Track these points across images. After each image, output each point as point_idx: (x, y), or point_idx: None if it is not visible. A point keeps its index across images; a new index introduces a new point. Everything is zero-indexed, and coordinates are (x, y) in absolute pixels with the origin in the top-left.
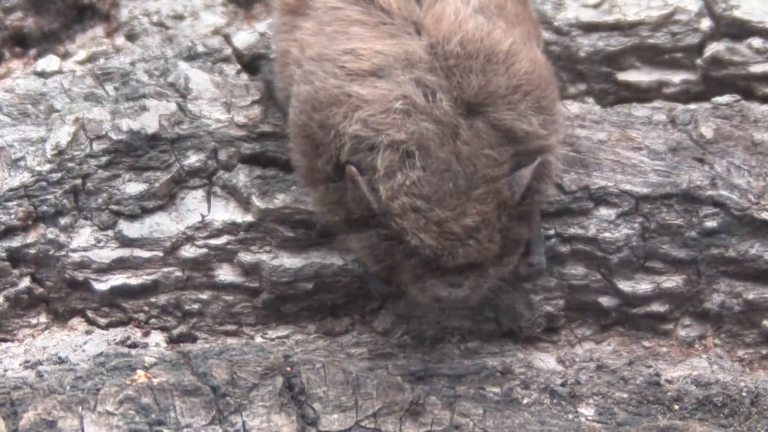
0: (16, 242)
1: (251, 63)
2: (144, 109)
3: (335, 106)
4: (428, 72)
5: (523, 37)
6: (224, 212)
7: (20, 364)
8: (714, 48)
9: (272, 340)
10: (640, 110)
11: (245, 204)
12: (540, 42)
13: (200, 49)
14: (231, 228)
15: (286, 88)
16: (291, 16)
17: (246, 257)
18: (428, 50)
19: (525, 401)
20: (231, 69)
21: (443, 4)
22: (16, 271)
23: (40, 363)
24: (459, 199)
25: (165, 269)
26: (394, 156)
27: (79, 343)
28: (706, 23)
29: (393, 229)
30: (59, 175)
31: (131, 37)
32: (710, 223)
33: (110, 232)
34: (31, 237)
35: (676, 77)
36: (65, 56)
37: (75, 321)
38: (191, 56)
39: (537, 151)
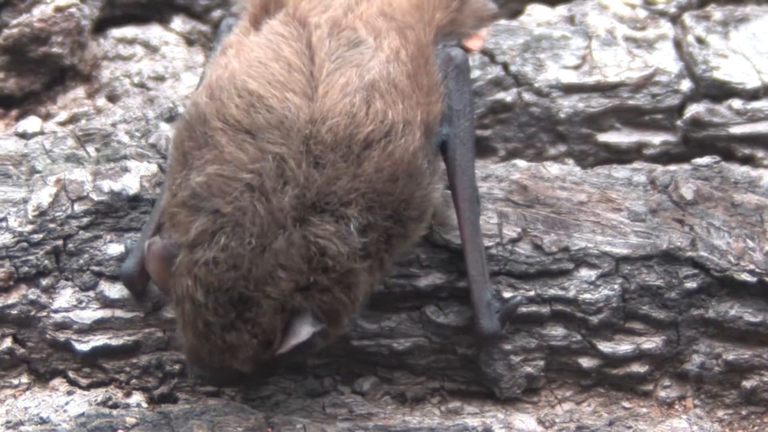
0: None
1: None
2: (125, 170)
3: (205, 148)
4: (295, 154)
5: (405, 116)
6: None
7: (2, 425)
8: (694, 109)
9: (253, 400)
10: (620, 171)
11: None
12: (431, 114)
13: (181, 110)
14: None
15: None
16: (249, 27)
17: None
18: (308, 123)
19: None
20: None
21: (342, 72)
22: None
23: (22, 423)
24: (232, 309)
25: (146, 330)
26: (209, 225)
27: (61, 403)
28: (686, 84)
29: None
30: (41, 236)
31: (112, 98)
32: (690, 284)
33: (92, 293)
34: (13, 298)
35: (656, 138)
36: (46, 117)
37: (56, 381)
38: (172, 117)
39: (336, 284)
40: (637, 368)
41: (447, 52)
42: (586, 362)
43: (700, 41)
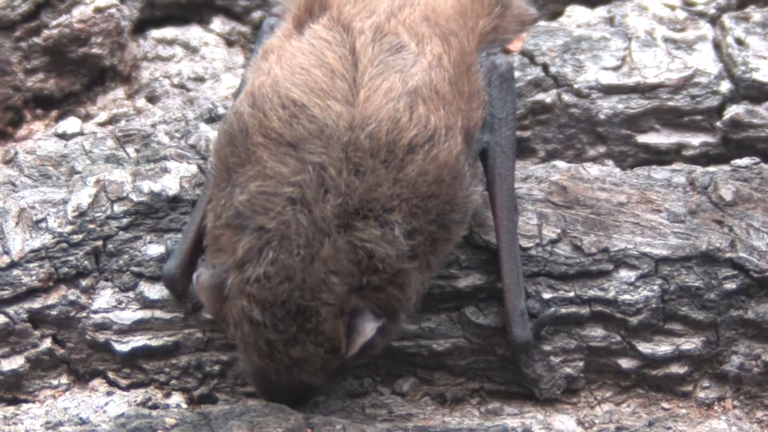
0: (37, 304)
1: None
2: (165, 170)
3: (248, 164)
4: (335, 162)
5: (446, 122)
6: None
7: (42, 425)
8: (733, 110)
9: None
10: (659, 172)
11: None
12: (472, 121)
13: (221, 111)
14: None
15: None
16: (292, 30)
17: None
18: (348, 130)
19: None
20: None
21: (384, 78)
22: (37, 333)
23: (61, 424)
24: (292, 322)
25: (186, 330)
26: (255, 242)
27: (100, 404)
28: (725, 86)
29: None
30: (80, 236)
31: (152, 99)
32: (729, 286)
33: (131, 294)
34: (53, 298)
35: (696, 140)
36: (86, 118)
37: (96, 382)
38: (212, 118)
39: (389, 283)
40: (677, 369)
41: (492, 60)
42: (625, 363)
43: (740, 42)
